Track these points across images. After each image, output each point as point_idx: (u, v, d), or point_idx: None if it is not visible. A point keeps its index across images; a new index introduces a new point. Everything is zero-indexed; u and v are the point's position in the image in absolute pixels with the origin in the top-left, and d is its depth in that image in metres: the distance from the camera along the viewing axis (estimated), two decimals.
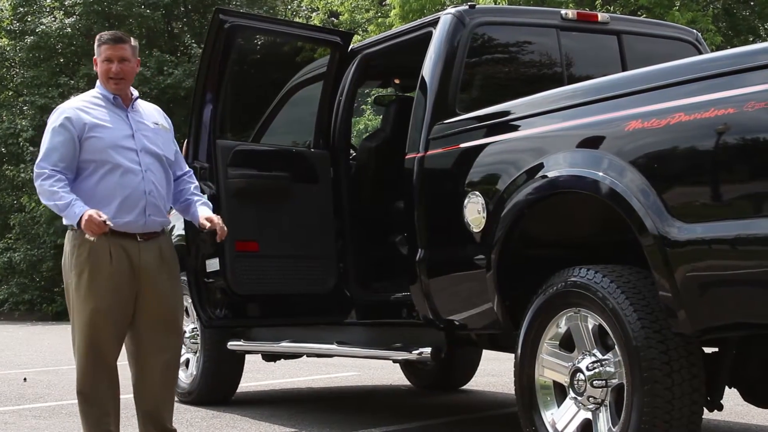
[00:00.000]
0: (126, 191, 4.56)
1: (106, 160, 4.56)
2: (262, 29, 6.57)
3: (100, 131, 4.58)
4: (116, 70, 4.71)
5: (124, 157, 4.58)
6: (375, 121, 19.19)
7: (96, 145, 4.56)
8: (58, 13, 24.86)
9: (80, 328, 4.57)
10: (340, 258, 6.14)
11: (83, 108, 4.64)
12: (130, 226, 4.57)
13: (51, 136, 4.57)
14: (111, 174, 4.56)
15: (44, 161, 4.52)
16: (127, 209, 4.56)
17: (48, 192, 4.47)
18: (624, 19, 6.43)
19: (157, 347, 4.68)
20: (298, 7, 26.48)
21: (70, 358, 11.68)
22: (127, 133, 4.65)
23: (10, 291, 24.39)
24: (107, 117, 4.65)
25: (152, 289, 4.63)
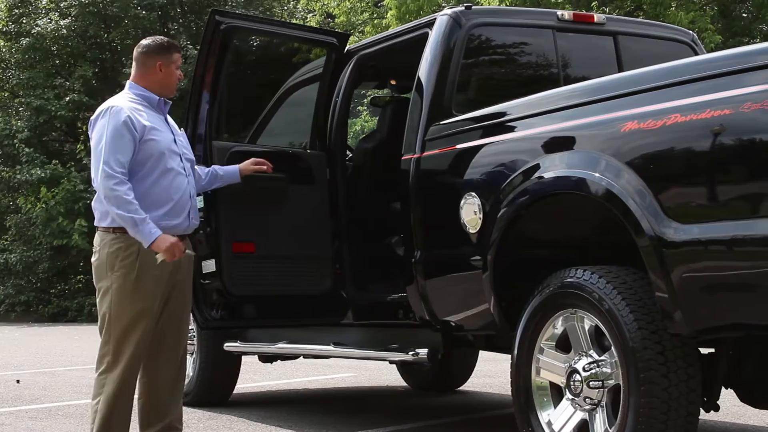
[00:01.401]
0: (177, 195, 4.67)
1: (160, 163, 4.63)
2: (259, 30, 6.57)
3: (156, 134, 4.65)
4: (180, 76, 4.84)
5: (174, 162, 4.68)
6: (371, 123, 19.19)
7: (154, 147, 4.62)
8: (54, 14, 24.85)
9: (127, 328, 4.60)
10: (337, 259, 6.14)
11: (136, 109, 4.66)
12: (176, 229, 4.67)
13: (114, 136, 4.53)
14: (164, 177, 4.64)
15: (112, 162, 4.50)
16: (176, 212, 4.67)
17: (123, 201, 4.46)
18: (620, 20, 6.44)
19: (176, 344, 4.83)
20: (294, 8, 26.47)
21: (66, 360, 11.63)
22: (171, 137, 4.76)
23: (6, 292, 24.36)
24: (156, 120, 4.72)
25: (182, 288, 4.78)
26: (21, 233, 24.29)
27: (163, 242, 4.47)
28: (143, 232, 4.47)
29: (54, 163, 22.76)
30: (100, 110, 4.67)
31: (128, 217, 4.46)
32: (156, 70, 4.78)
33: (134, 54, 4.89)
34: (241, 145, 6.32)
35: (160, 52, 4.79)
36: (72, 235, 21.84)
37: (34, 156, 23.07)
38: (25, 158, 23.11)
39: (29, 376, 9.58)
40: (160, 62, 4.78)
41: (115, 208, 4.48)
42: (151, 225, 4.48)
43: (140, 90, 4.78)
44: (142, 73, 4.80)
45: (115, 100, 4.73)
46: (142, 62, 4.81)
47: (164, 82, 4.80)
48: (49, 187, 22.34)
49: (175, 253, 4.50)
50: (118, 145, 4.53)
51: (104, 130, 4.57)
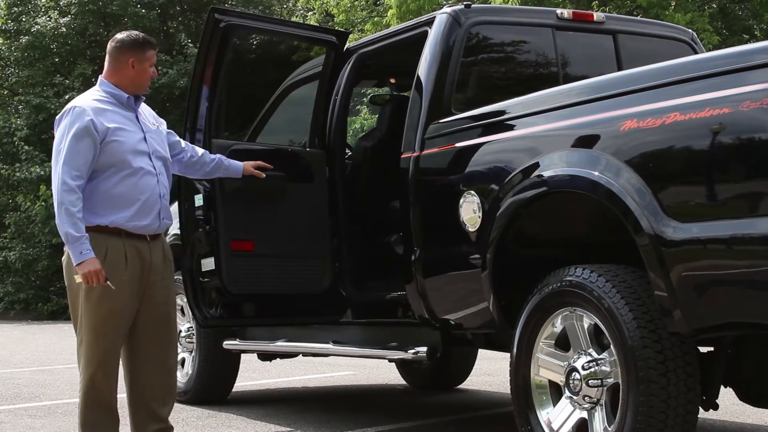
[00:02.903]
0: (144, 195, 4.57)
1: (125, 164, 4.54)
2: (258, 29, 6.56)
3: (120, 134, 4.55)
4: (154, 74, 4.74)
5: (140, 161, 4.58)
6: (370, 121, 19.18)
7: (117, 149, 4.53)
8: (53, 12, 24.85)
9: (94, 329, 4.53)
10: (336, 257, 6.14)
11: (101, 109, 4.56)
12: (146, 229, 4.61)
13: (74, 140, 4.45)
14: (130, 178, 4.55)
15: (69, 166, 4.41)
16: (144, 212, 4.58)
17: (67, 211, 4.37)
18: (619, 18, 6.44)
19: (160, 344, 4.73)
20: (293, 6, 26.47)
21: (65, 358, 11.64)
22: (140, 136, 4.64)
23: (6, 290, 24.37)
24: (122, 119, 4.61)
25: (159, 286, 4.68)
26: (20, 231, 24.30)
27: (85, 267, 4.37)
28: (74, 250, 4.38)
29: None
30: (65, 110, 4.59)
31: (65, 231, 4.38)
32: (128, 66, 4.64)
33: (108, 48, 4.72)
34: (240, 143, 6.32)
35: (133, 48, 4.64)
36: None
37: (34, 154, 23.07)
38: (24, 156, 23.11)
39: (28, 373, 9.58)
40: (133, 59, 4.64)
41: (57, 217, 4.41)
42: (85, 246, 4.37)
43: (110, 87, 4.65)
44: (113, 69, 4.67)
45: (80, 99, 4.63)
46: (115, 57, 4.67)
47: (136, 80, 4.67)
48: (48, 185, 22.31)
49: (92, 281, 4.38)
50: (77, 149, 4.44)
51: (65, 132, 4.49)
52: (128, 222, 4.53)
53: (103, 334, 4.53)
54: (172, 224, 5.14)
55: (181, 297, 7.22)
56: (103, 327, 4.53)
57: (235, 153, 5.92)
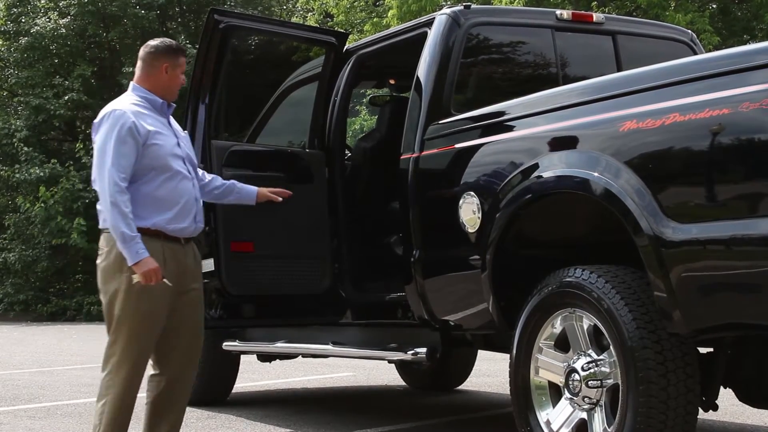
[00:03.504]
0: (183, 198, 4.64)
1: (165, 167, 4.59)
2: (257, 29, 6.56)
3: (159, 138, 4.60)
4: (183, 81, 4.80)
5: (178, 165, 4.65)
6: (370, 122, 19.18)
7: (158, 152, 4.58)
8: (53, 13, 24.84)
9: (132, 330, 4.54)
10: (335, 258, 6.14)
11: (139, 113, 4.61)
12: (184, 232, 4.67)
13: (118, 142, 4.49)
14: (170, 181, 4.61)
15: (116, 168, 4.46)
16: (183, 215, 4.64)
17: (121, 212, 4.41)
18: (619, 19, 6.44)
19: (191, 348, 4.79)
20: (293, 7, 26.47)
21: (65, 359, 11.63)
22: (175, 141, 4.71)
23: (5, 291, 24.35)
24: (158, 124, 4.67)
25: (192, 290, 4.73)
26: (20, 232, 24.28)
27: (145, 265, 4.40)
28: (131, 249, 4.40)
29: (53, 163, 22.76)
30: (104, 113, 4.62)
31: (120, 231, 4.40)
32: (162, 72, 4.72)
33: (140, 54, 4.79)
34: (239, 144, 6.32)
35: (167, 54, 4.73)
36: (71, 234, 21.85)
37: (33, 155, 23.07)
38: (23, 157, 23.10)
39: (28, 375, 9.58)
40: (167, 64, 4.72)
41: (111, 217, 4.43)
42: (140, 245, 4.41)
43: (144, 92, 4.73)
44: (147, 74, 4.75)
45: (118, 103, 4.67)
46: (149, 63, 4.74)
47: (168, 85, 4.74)
48: (47, 186, 22.34)
49: (152, 279, 4.42)
50: (121, 151, 4.49)
51: (108, 134, 4.52)
52: (168, 224, 4.58)
53: (141, 335, 4.56)
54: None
55: None
56: (141, 328, 4.55)
57: (235, 154, 5.93)
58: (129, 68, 23.26)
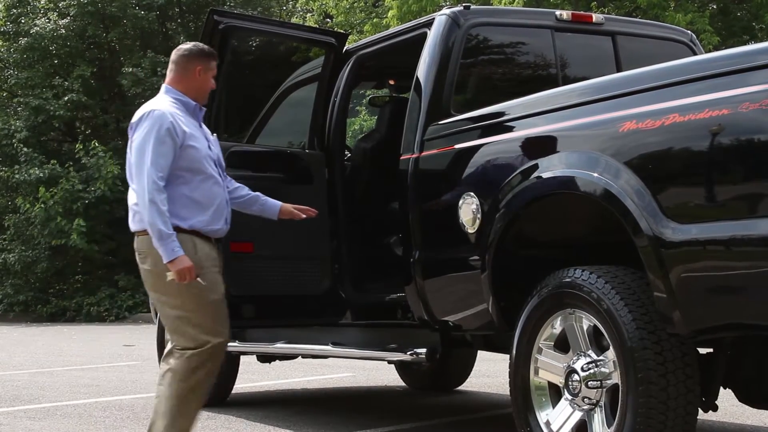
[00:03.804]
0: (217, 200, 4.74)
1: (200, 170, 4.68)
2: (257, 30, 6.57)
3: (194, 141, 4.69)
4: (213, 85, 4.89)
5: (211, 168, 4.74)
6: (370, 122, 19.18)
7: (194, 155, 4.66)
8: (52, 14, 24.83)
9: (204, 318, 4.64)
10: (335, 259, 6.14)
11: (176, 114, 4.68)
12: (218, 233, 4.78)
13: (157, 142, 4.56)
14: (204, 183, 4.70)
15: (155, 167, 4.53)
16: (217, 217, 4.74)
17: (159, 210, 4.49)
18: (618, 20, 6.44)
19: None
20: (293, 8, 26.47)
21: (65, 360, 11.63)
22: (207, 144, 4.80)
23: (5, 292, 24.34)
24: (192, 126, 4.75)
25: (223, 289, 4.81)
26: (19, 233, 24.26)
27: (180, 263, 4.48)
28: (167, 247, 4.48)
29: (52, 163, 22.75)
30: (143, 113, 4.67)
31: (158, 228, 4.47)
32: (195, 74, 4.79)
33: (174, 57, 4.86)
34: (239, 144, 6.32)
35: (201, 57, 4.82)
36: (70, 235, 21.83)
37: (33, 156, 23.05)
38: (23, 158, 23.08)
39: (28, 375, 9.58)
40: (201, 67, 4.80)
41: (149, 215, 4.50)
42: (176, 244, 4.49)
43: (177, 94, 4.79)
44: (180, 76, 4.81)
45: (156, 103, 4.72)
46: (183, 66, 4.81)
47: (201, 88, 4.83)
48: (47, 187, 22.32)
49: (185, 278, 4.50)
50: (160, 151, 4.55)
51: (148, 134, 4.58)
52: (206, 226, 4.68)
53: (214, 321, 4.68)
54: None
55: None
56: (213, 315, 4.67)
57: (235, 154, 5.93)
58: (129, 69, 23.29)
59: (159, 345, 7.72)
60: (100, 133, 25.09)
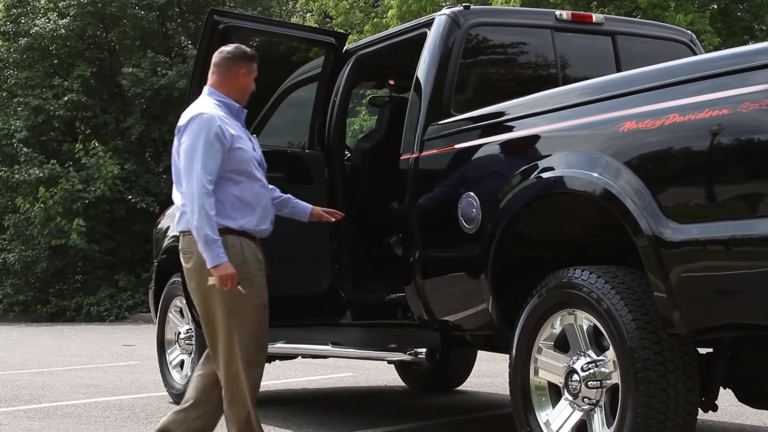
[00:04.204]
0: (263, 201, 4.85)
1: (248, 171, 4.77)
2: (257, 30, 6.56)
3: (241, 143, 4.77)
4: (253, 88, 4.96)
5: (256, 170, 4.84)
6: (370, 122, 19.18)
7: (242, 156, 4.75)
8: (52, 14, 24.80)
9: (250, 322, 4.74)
10: (335, 259, 6.14)
11: (223, 117, 4.75)
12: (264, 233, 4.88)
13: (207, 145, 4.62)
14: (252, 184, 4.79)
15: (204, 171, 4.59)
16: (264, 218, 4.85)
17: (207, 214, 4.55)
18: (618, 20, 6.44)
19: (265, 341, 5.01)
20: (293, 8, 26.46)
21: (65, 360, 11.62)
22: (251, 145, 4.88)
23: (5, 292, 24.31)
24: (237, 128, 4.83)
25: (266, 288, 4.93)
26: (19, 233, 24.23)
27: (224, 270, 4.55)
28: (212, 252, 4.54)
29: (52, 163, 22.73)
30: (191, 116, 4.71)
31: (204, 233, 4.53)
32: (239, 77, 4.87)
33: (216, 59, 4.93)
34: None
35: (244, 60, 4.89)
36: (70, 235, 21.80)
37: (33, 156, 23.04)
38: (23, 158, 23.07)
39: (27, 375, 9.58)
40: (244, 70, 4.88)
41: (197, 219, 4.55)
42: (221, 249, 4.56)
43: (221, 96, 4.85)
44: (224, 79, 4.88)
45: (202, 106, 4.77)
46: (226, 68, 4.88)
47: (243, 90, 4.90)
48: (47, 186, 22.30)
49: (227, 284, 4.56)
50: (209, 154, 4.61)
51: (197, 137, 4.63)
52: (255, 226, 4.79)
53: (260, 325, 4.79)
54: None
55: (180, 298, 7.23)
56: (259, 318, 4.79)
57: None
58: (128, 69, 23.25)
59: (159, 345, 7.73)
60: (100, 133, 25.06)
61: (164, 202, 20.45)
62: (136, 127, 23.51)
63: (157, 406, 7.21)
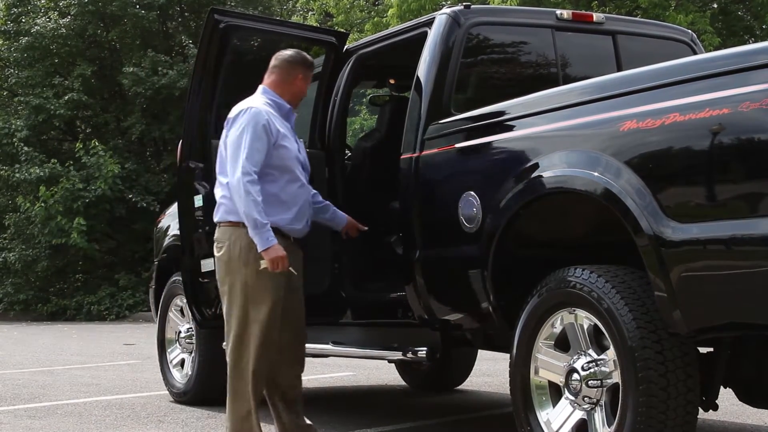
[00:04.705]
0: (301, 201, 5.02)
1: (289, 170, 4.96)
2: (257, 29, 6.56)
3: (286, 141, 4.95)
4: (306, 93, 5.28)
5: (298, 170, 5.01)
6: (370, 121, 19.18)
7: (285, 154, 4.94)
8: (53, 13, 24.80)
9: (265, 315, 4.90)
10: (336, 258, 6.13)
11: (272, 114, 4.94)
12: (298, 232, 5.05)
13: (253, 137, 4.82)
14: (292, 183, 4.98)
15: (249, 161, 4.77)
16: (299, 217, 5.02)
17: (253, 201, 4.73)
18: (619, 19, 6.44)
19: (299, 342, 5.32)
20: (293, 7, 26.45)
21: (65, 359, 11.64)
22: (297, 146, 5.06)
23: (5, 291, 24.31)
24: (285, 128, 5.00)
25: (295, 288, 5.14)
26: (20, 232, 24.23)
27: (274, 252, 4.75)
28: (262, 236, 4.73)
29: (53, 162, 22.73)
30: (240, 109, 4.93)
31: (253, 218, 4.71)
32: (296, 80, 5.13)
33: (276, 61, 5.18)
34: None
35: (303, 65, 5.18)
36: (71, 234, 21.80)
37: (33, 155, 23.03)
38: (23, 157, 23.06)
39: (28, 374, 9.58)
40: (302, 75, 5.16)
41: (244, 205, 4.73)
42: (270, 233, 4.74)
43: (274, 96, 5.07)
44: (281, 80, 5.11)
45: (253, 101, 4.99)
46: (286, 70, 5.12)
47: (297, 94, 5.16)
48: (47, 186, 22.29)
49: (278, 266, 4.75)
50: (255, 146, 4.80)
51: (245, 129, 4.83)
52: (287, 224, 4.95)
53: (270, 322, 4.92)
54: None
55: (180, 297, 7.23)
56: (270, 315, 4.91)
57: None
58: (129, 68, 23.24)
59: (159, 344, 7.73)
60: (101, 132, 25.05)
61: (164, 201, 20.45)
62: (136, 127, 23.51)
63: (158, 405, 7.21)
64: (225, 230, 4.92)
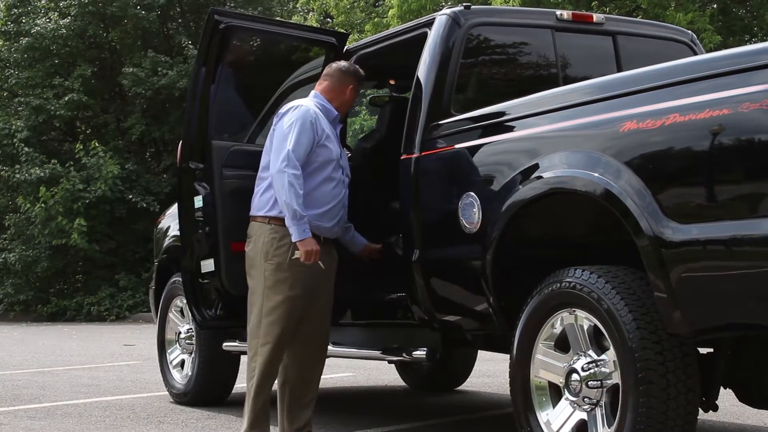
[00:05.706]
0: (334, 201, 5.25)
1: (326, 169, 5.16)
2: (257, 30, 6.56)
3: (329, 143, 5.18)
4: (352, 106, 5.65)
5: (337, 172, 5.21)
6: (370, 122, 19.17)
7: (325, 154, 5.16)
8: (53, 14, 24.81)
9: (275, 312, 5.09)
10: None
11: (320, 116, 5.18)
12: (327, 231, 5.21)
13: (300, 131, 5.08)
14: (327, 183, 5.20)
15: (295, 154, 5.03)
16: (329, 217, 5.24)
17: (296, 192, 4.95)
18: (619, 19, 6.44)
19: (324, 341, 5.47)
20: (293, 7, 26.46)
21: (65, 360, 11.63)
22: (339, 151, 5.27)
23: (5, 292, 24.33)
24: (330, 131, 5.23)
25: (324, 287, 5.32)
26: (20, 233, 24.25)
27: (308, 244, 4.97)
28: (298, 226, 4.93)
29: (53, 163, 22.74)
30: (290, 106, 5.18)
31: (293, 208, 4.91)
32: (346, 90, 5.42)
33: (331, 70, 5.45)
34: (240, 144, 6.32)
35: (356, 78, 5.47)
36: (71, 235, 21.82)
37: (33, 155, 23.04)
38: (24, 158, 23.07)
39: (28, 375, 9.58)
40: (352, 87, 5.44)
41: (286, 195, 4.93)
42: (307, 225, 4.94)
43: (324, 101, 5.32)
44: (332, 87, 5.37)
45: (304, 100, 5.24)
46: (338, 79, 5.37)
47: (345, 103, 5.47)
48: (48, 186, 22.30)
49: (310, 258, 4.94)
50: (300, 141, 5.03)
51: (293, 123, 5.07)
52: (314, 221, 5.08)
53: (282, 318, 5.10)
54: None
55: (180, 298, 7.23)
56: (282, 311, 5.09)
57: (235, 154, 5.93)
58: (129, 68, 23.25)
59: (159, 344, 7.73)
60: (101, 132, 25.07)
61: (165, 202, 20.46)
62: (136, 127, 23.52)
63: (158, 405, 7.21)
64: (254, 225, 5.21)
